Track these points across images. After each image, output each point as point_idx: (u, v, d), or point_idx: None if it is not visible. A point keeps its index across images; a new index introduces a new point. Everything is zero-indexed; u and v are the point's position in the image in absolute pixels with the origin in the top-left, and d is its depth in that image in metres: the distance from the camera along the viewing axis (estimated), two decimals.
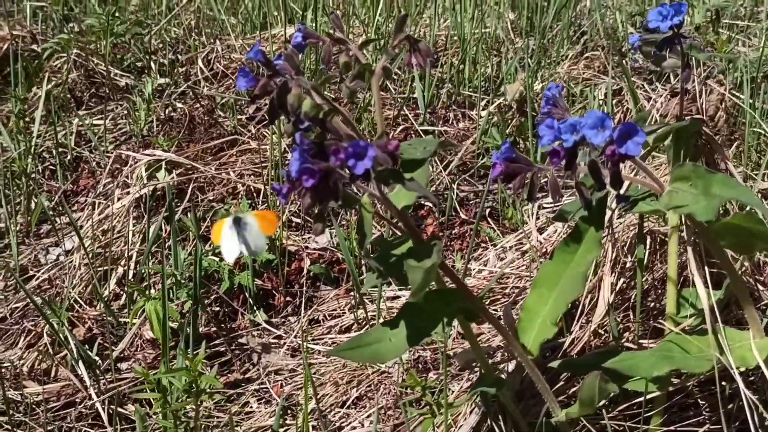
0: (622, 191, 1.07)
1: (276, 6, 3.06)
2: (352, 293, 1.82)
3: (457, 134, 2.32)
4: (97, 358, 1.67)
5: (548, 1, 2.88)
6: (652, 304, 1.48)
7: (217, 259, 1.81)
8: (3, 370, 1.66)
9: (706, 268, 1.17)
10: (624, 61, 2.16)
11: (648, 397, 1.16)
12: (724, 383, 1.32)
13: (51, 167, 2.43)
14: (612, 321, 1.33)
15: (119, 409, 1.57)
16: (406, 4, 2.85)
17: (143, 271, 1.82)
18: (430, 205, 2.09)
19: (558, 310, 1.06)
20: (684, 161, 1.16)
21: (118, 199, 2.06)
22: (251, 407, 1.59)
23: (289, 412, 1.56)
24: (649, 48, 1.21)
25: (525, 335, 1.09)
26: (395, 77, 2.43)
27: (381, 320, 1.67)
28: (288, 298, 1.82)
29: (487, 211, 2.06)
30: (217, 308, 1.82)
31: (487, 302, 1.69)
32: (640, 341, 1.36)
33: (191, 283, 1.68)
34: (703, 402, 1.38)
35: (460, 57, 2.49)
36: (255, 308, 1.77)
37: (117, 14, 2.79)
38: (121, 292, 1.88)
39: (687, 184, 0.96)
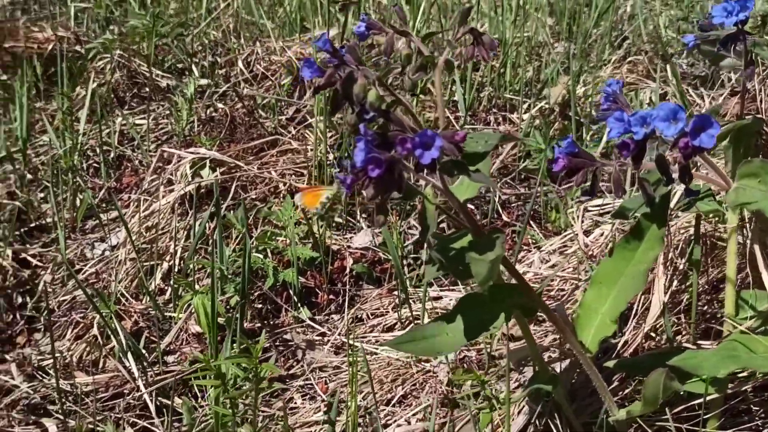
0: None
1: (313, 10, 3.08)
2: (395, 293, 1.82)
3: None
4: (143, 351, 1.68)
5: (588, 6, 2.88)
6: (705, 307, 1.46)
7: (261, 255, 1.82)
8: (52, 361, 1.69)
9: None
10: (671, 65, 2.14)
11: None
12: None
13: (95, 165, 2.46)
14: (666, 322, 1.31)
15: (166, 401, 1.58)
16: (445, 9, 2.85)
17: (189, 266, 1.84)
18: (472, 207, 2.08)
19: (618, 308, 1.05)
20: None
21: (163, 196, 2.08)
22: (295, 403, 1.60)
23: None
24: (709, 47, 1.20)
25: (583, 332, 1.08)
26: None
27: (426, 320, 1.66)
28: (331, 296, 1.83)
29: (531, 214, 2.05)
30: (260, 305, 1.83)
31: None
32: (698, 343, 1.34)
33: (238, 278, 1.69)
34: (757, 408, 1.36)
35: (501, 60, 2.48)
36: (299, 305, 1.77)
37: (159, 16, 2.83)
38: (166, 287, 1.90)
39: (755, 181, 0.95)
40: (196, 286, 1.82)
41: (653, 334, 1.36)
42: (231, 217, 1.88)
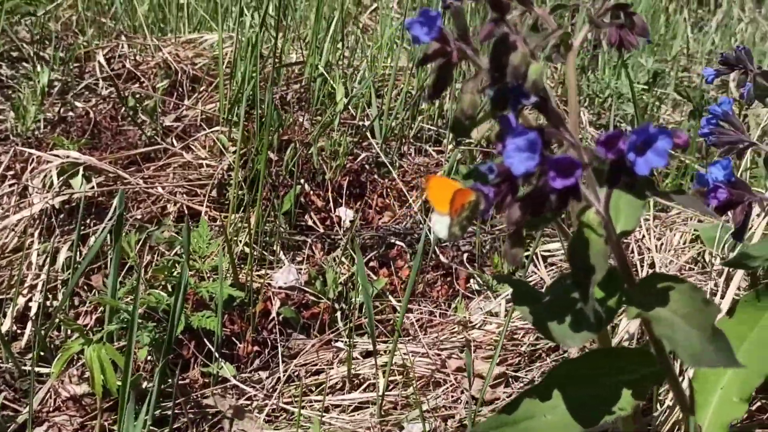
0: None
1: (178, 5, 2.68)
2: (334, 344, 1.48)
3: (416, 169, 2.08)
4: None
5: None
6: None
7: (165, 294, 1.40)
8: None
9: None
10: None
11: None
12: None
13: None
14: None
15: None
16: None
17: (63, 304, 1.37)
18: (402, 244, 1.81)
19: (747, 382, 0.84)
20: None
21: (15, 212, 1.58)
22: None
23: None
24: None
25: (701, 413, 0.85)
26: (353, 103, 2.15)
27: (386, 377, 1.35)
28: (255, 348, 1.45)
29: (465, 256, 1.83)
30: (157, 356, 1.40)
31: (498, 363, 1.44)
32: None
33: (150, 323, 1.26)
34: None
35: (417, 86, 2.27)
36: (219, 359, 1.38)
37: None
38: (20, 332, 1.41)
39: None
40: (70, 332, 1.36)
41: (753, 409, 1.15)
42: (125, 243, 1.44)
